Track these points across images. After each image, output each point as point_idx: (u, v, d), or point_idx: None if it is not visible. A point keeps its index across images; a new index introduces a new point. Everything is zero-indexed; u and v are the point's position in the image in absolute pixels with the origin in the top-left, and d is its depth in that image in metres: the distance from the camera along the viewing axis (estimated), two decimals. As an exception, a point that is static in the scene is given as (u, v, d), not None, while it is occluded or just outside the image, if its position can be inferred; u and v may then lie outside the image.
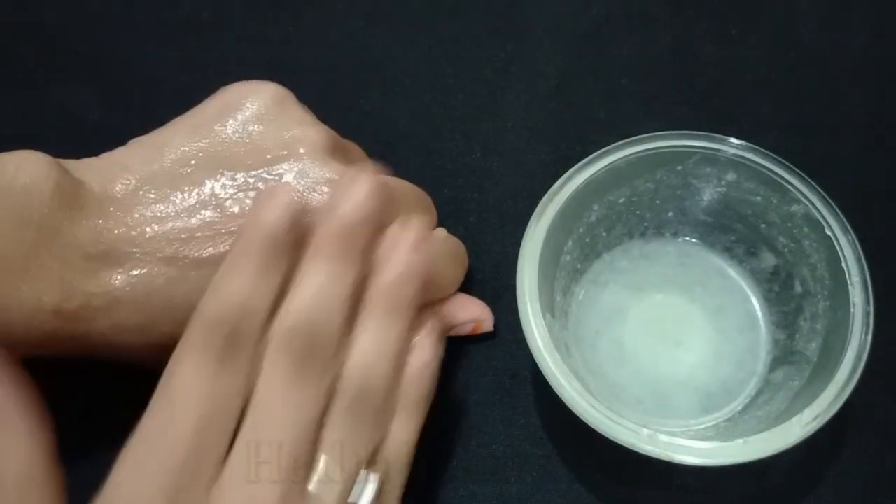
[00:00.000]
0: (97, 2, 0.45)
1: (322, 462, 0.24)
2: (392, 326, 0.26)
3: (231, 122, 0.30)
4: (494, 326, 0.34)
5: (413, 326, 0.27)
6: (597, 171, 0.31)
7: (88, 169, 0.28)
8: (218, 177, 0.29)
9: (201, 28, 0.43)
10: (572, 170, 0.32)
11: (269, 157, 0.29)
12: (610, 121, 0.40)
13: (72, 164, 0.28)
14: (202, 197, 0.28)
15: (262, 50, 0.43)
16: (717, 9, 0.43)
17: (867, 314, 0.28)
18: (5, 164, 0.26)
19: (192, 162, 0.29)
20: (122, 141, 0.30)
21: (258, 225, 0.25)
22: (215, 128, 0.30)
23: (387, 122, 0.36)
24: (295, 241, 0.25)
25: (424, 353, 0.27)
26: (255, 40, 0.43)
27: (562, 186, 0.31)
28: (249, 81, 0.31)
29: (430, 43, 0.43)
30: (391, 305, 0.26)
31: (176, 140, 0.29)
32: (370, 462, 0.25)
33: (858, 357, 0.27)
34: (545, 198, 0.31)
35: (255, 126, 0.30)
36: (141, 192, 0.28)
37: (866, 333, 0.28)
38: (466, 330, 0.33)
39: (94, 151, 0.30)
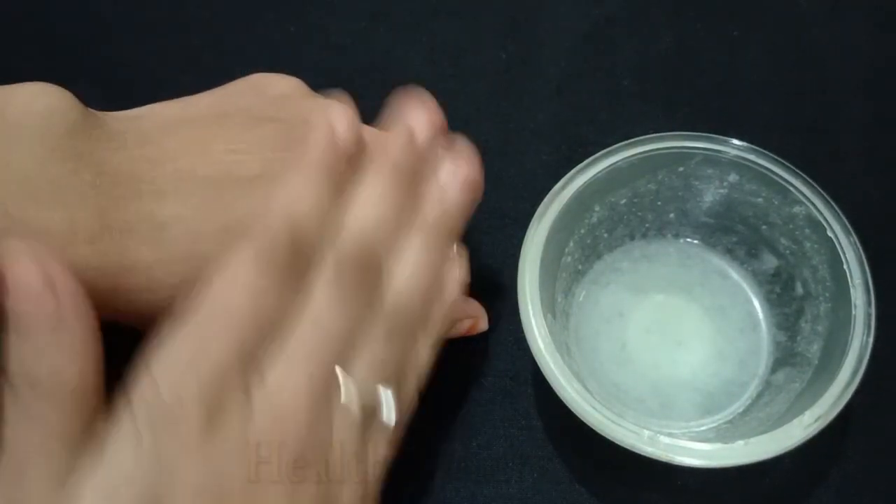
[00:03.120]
0: (98, 2, 0.45)
1: (350, 382, 0.24)
2: (434, 256, 0.27)
3: (262, 93, 0.30)
4: (496, 327, 0.34)
5: (449, 247, 0.28)
6: (598, 172, 0.31)
7: (117, 117, 0.27)
8: (251, 124, 0.28)
9: (202, 28, 0.43)
10: (574, 171, 0.32)
11: (300, 118, 0.29)
12: (611, 122, 0.40)
13: (103, 115, 0.26)
14: (234, 137, 0.27)
15: (263, 50, 0.43)
16: (718, 10, 0.43)
17: (869, 316, 0.28)
18: (19, 91, 0.24)
19: (227, 114, 0.28)
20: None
21: (323, 134, 0.25)
22: (247, 94, 0.30)
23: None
24: (355, 155, 0.26)
25: (454, 280, 0.28)
26: (256, 40, 0.43)
27: (563, 187, 0.31)
28: (270, 73, 0.31)
29: (431, 44, 0.43)
30: (436, 236, 0.27)
31: (207, 98, 0.29)
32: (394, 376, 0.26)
33: (860, 359, 0.27)
34: (546, 199, 0.31)
35: (285, 99, 0.30)
36: (174, 131, 0.27)
37: (868, 335, 0.28)
38: (463, 329, 0.33)
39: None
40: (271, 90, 0.30)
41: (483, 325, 0.34)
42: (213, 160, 0.26)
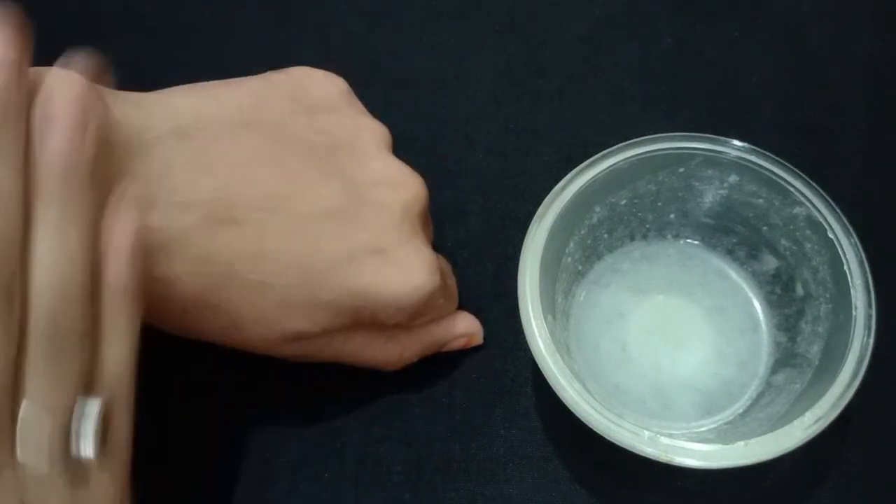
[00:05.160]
0: (98, 2, 0.45)
1: (24, 410, 0.20)
2: (72, 223, 0.21)
3: (297, 99, 0.30)
4: (496, 328, 0.34)
5: (101, 204, 0.22)
6: (599, 173, 0.31)
7: (131, 103, 0.26)
8: (273, 143, 0.28)
9: (202, 28, 0.43)
10: (574, 171, 0.32)
11: (328, 140, 0.29)
12: (612, 122, 0.40)
13: (114, 96, 0.26)
14: (250, 156, 0.27)
15: (263, 51, 0.43)
16: (718, 10, 0.43)
17: (869, 317, 0.28)
18: (46, 79, 0.22)
19: (254, 125, 0.28)
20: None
21: None
22: (281, 99, 0.29)
23: (389, 123, 0.36)
24: None
25: (120, 241, 0.22)
26: (256, 41, 0.43)
27: (563, 188, 0.31)
28: (315, 69, 0.31)
29: (432, 44, 0.43)
30: (63, 195, 0.21)
31: (238, 98, 0.29)
32: (87, 388, 0.22)
33: (860, 360, 0.27)
34: (547, 199, 0.31)
35: (320, 111, 0.30)
36: (192, 137, 0.26)
37: (868, 336, 0.28)
38: (460, 344, 0.33)
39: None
40: (311, 95, 0.30)
41: (478, 339, 0.34)
42: (219, 180, 0.26)
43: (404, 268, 0.28)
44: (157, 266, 0.25)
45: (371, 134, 0.30)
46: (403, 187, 0.30)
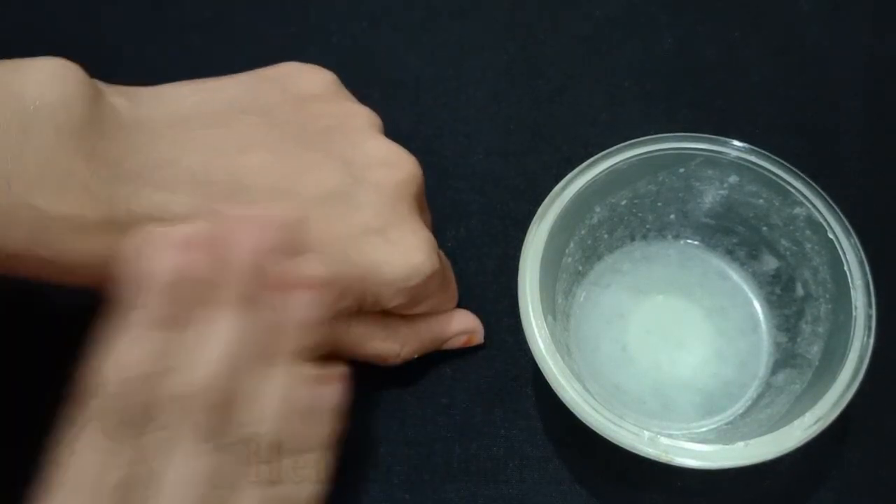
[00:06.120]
0: (98, 2, 0.44)
1: None
2: (296, 378, 0.24)
3: (288, 90, 0.30)
4: (496, 328, 0.34)
5: (316, 364, 0.25)
6: (599, 174, 0.31)
7: (122, 94, 0.27)
8: (269, 129, 0.28)
9: (203, 28, 0.43)
10: (574, 172, 0.32)
11: (321, 125, 0.30)
12: (612, 123, 0.40)
13: (112, 89, 0.27)
14: (249, 141, 0.28)
15: (264, 50, 0.42)
16: (718, 11, 0.43)
17: (869, 318, 0.28)
18: (36, 70, 0.24)
19: (246, 112, 0.28)
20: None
21: (153, 278, 0.22)
22: (272, 90, 0.30)
23: (389, 123, 0.36)
24: (195, 287, 0.23)
25: (327, 397, 0.25)
26: (256, 41, 0.43)
27: (564, 188, 0.31)
28: (304, 64, 0.32)
29: (432, 44, 0.43)
30: (291, 355, 0.24)
31: (230, 90, 0.29)
32: None
33: (860, 361, 0.27)
34: (547, 200, 0.31)
35: (311, 100, 0.30)
36: (189, 126, 0.27)
37: (868, 337, 0.28)
38: (459, 342, 0.33)
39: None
40: (299, 87, 0.31)
41: (479, 339, 0.34)
42: (223, 164, 0.27)
43: (403, 248, 0.29)
44: None
45: (361, 118, 0.31)
46: (397, 167, 0.30)
